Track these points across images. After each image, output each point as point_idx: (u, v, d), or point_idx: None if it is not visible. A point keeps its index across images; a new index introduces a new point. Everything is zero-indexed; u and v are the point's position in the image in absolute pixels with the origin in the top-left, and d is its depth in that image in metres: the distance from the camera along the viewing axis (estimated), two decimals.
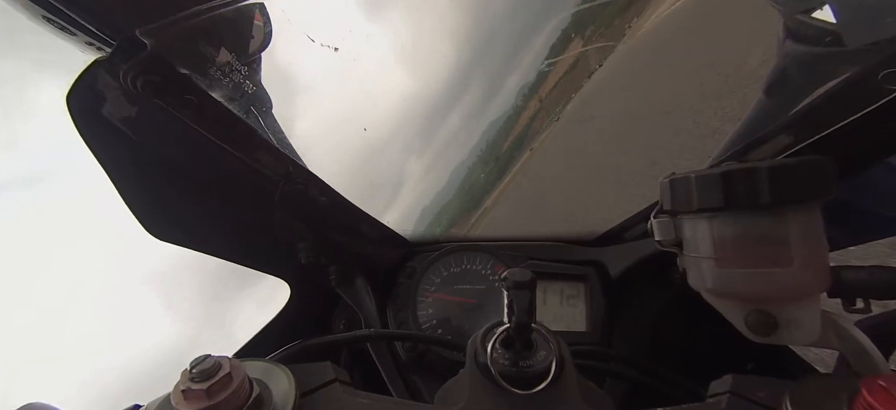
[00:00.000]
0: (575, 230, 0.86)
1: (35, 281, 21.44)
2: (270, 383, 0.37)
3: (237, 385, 0.33)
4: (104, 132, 0.49)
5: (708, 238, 0.41)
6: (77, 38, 0.44)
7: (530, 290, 0.38)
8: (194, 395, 0.32)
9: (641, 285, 0.73)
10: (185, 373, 0.33)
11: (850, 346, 0.39)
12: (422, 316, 0.77)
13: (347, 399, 0.38)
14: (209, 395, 0.32)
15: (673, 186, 0.43)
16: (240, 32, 0.55)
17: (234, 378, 0.33)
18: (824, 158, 0.37)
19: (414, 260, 0.82)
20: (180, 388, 0.32)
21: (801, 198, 0.36)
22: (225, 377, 0.33)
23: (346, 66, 0.69)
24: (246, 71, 0.55)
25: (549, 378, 0.37)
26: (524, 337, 0.39)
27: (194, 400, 0.32)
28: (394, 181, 16.46)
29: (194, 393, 0.32)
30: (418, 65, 30.94)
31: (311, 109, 7.17)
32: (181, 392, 0.32)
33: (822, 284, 0.38)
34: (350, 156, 1.83)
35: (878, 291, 0.39)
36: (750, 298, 0.40)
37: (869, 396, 0.29)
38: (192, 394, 0.32)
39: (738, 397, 0.37)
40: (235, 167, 0.59)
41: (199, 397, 0.32)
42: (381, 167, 3.46)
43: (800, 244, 0.37)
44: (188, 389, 0.32)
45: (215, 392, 0.32)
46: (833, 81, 0.50)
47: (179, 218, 0.61)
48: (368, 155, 2.62)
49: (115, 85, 0.45)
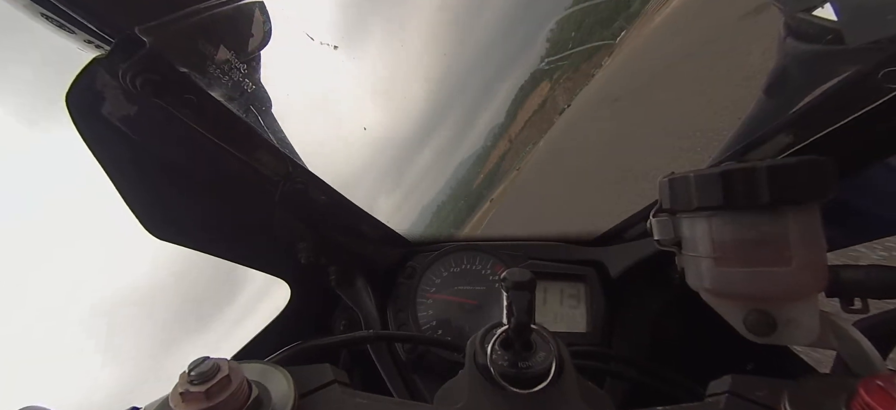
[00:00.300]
0: (575, 230, 0.86)
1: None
2: (269, 385, 0.37)
3: (236, 387, 0.33)
4: (104, 131, 0.49)
5: (707, 237, 0.40)
6: (76, 35, 0.43)
7: (529, 291, 0.38)
8: (193, 397, 0.32)
9: (641, 285, 0.73)
10: (184, 376, 0.33)
11: (847, 346, 0.39)
12: (422, 316, 0.77)
13: (346, 399, 0.38)
14: (208, 397, 0.32)
15: (672, 185, 0.43)
16: (239, 30, 0.54)
17: (233, 381, 0.33)
18: (824, 158, 0.37)
19: (414, 261, 0.82)
20: (179, 390, 0.32)
21: (801, 198, 0.36)
22: (223, 379, 0.33)
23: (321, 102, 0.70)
24: (245, 69, 0.55)
25: (549, 379, 0.37)
26: (523, 338, 0.39)
27: (193, 402, 0.32)
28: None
29: (193, 395, 0.32)
30: (391, 104, 30.95)
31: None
32: (180, 394, 0.32)
33: (821, 284, 0.38)
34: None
35: (876, 291, 0.40)
36: (748, 298, 0.39)
37: (866, 396, 0.29)
38: (190, 396, 0.32)
39: (737, 397, 0.37)
40: (235, 167, 0.59)
41: (198, 399, 0.32)
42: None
43: (799, 244, 0.37)
44: (187, 391, 0.32)
45: (214, 393, 0.32)
46: (833, 80, 0.50)
47: (179, 217, 0.61)
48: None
49: (115, 84, 0.45)
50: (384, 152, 33.40)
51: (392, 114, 34.22)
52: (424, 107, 64.97)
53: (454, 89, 63.47)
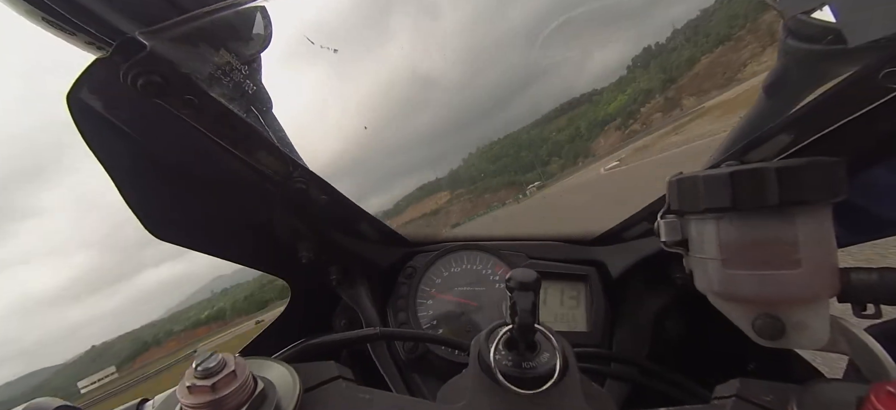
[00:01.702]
0: (575, 230, 0.86)
1: None
2: (274, 380, 0.38)
3: (241, 381, 0.34)
4: (105, 132, 0.49)
5: (714, 239, 0.40)
6: (77, 38, 0.43)
7: (534, 291, 0.38)
8: (199, 390, 0.33)
9: (642, 285, 0.73)
10: (191, 370, 0.34)
11: (860, 352, 0.38)
12: (422, 316, 0.77)
13: (350, 394, 0.39)
14: (214, 390, 0.33)
15: (680, 186, 0.42)
16: (240, 33, 0.54)
17: (239, 375, 0.34)
18: (835, 159, 0.36)
19: (414, 260, 0.82)
20: (186, 384, 0.33)
21: (811, 199, 0.35)
22: (229, 374, 0.33)
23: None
24: (246, 71, 0.55)
25: (553, 380, 0.37)
26: (527, 339, 0.39)
27: (199, 395, 0.33)
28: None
29: (199, 389, 0.33)
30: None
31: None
32: (186, 387, 0.33)
33: (832, 288, 0.37)
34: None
35: (889, 295, 0.38)
36: (757, 301, 0.39)
37: (877, 402, 0.28)
38: (197, 390, 0.33)
39: (744, 401, 0.36)
40: (236, 167, 0.59)
41: (205, 392, 0.33)
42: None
43: (808, 246, 0.36)
44: (194, 385, 0.33)
45: (220, 387, 0.33)
46: (833, 80, 0.50)
47: (180, 217, 0.61)
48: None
49: (116, 84, 0.45)
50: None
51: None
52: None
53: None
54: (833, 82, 0.49)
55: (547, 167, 15.22)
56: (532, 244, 0.85)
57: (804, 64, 0.66)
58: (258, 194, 0.65)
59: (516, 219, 5.49)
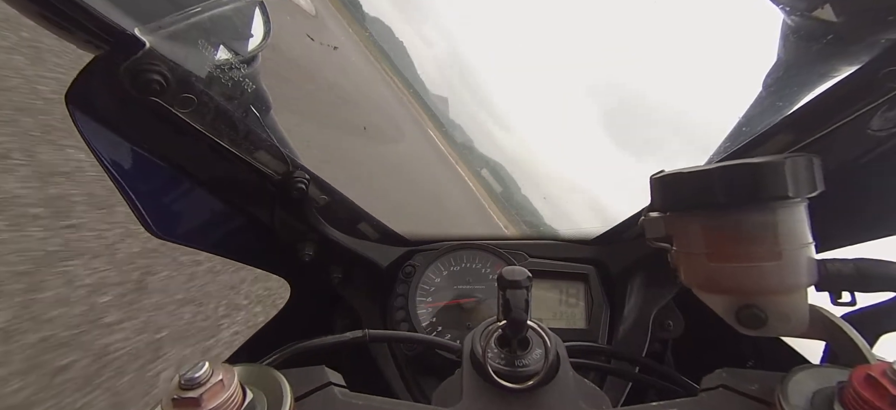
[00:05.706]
0: (575, 229, 0.86)
1: None
2: (264, 388, 0.36)
3: (229, 392, 0.32)
4: (103, 130, 0.49)
5: (698, 234, 0.42)
6: (75, 35, 0.43)
7: (525, 288, 0.38)
8: (184, 403, 0.30)
9: (642, 283, 0.73)
10: (176, 381, 0.31)
11: (838, 338, 0.40)
12: (421, 315, 0.77)
13: (342, 402, 0.38)
14: (200, 404, 0.30)
15: (663, 183, 0.44)
16: (239, 31, 0.54)
17: (227, 386, 0.32)
18: (808, 155, 0.38)
19: (413, 259, 0.82)
20: (170, 396, 0.31)
21: (790, 194, 0.37)
22: (217, 384, 0.31)
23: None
24: (245, 69, 0.55)
25: (544, 375, 0.38)
26: (519, 335, 0.39)
27: (184, 408, 0.31)
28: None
29: (184, 402, 0.30)
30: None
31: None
32: (171, 400, 0.31)
33: (810, 277, 0.39)
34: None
35: (863, 285, 0.41)
36: (740, 292, 0.40)
37: (858, 386, 0.30)
38: (182, 403, 0.30)
39: (730, 390, 0.37)
40: (236, 166, 0.59)
41: (190, 405, 0.30)
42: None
43: (787, 238, 0.38)
44: (178, 398, 0.30)
45: (206, 400, 0.31)
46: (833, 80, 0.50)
47: (180, 217, 0.61)
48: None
49: (114, 83, 0.45)
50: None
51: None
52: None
53: None
54: (833, 82, 0.50)
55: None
56: (532, 243, 0.85)
57: (804, 63, 0.66)
58: (258, 194, 0.65)
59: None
